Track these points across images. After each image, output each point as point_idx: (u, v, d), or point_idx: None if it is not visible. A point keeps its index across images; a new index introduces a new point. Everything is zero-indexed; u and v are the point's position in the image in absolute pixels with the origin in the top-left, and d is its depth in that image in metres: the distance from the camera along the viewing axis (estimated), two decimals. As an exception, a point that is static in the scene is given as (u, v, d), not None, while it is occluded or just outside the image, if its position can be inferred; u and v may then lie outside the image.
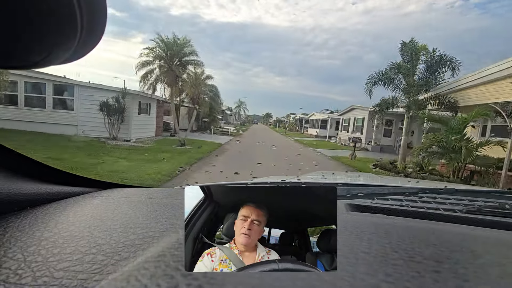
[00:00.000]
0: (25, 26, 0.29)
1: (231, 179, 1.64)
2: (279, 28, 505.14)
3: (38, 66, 0.36)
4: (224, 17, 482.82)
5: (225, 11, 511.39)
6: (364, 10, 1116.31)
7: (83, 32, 0.32)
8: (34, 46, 0.32)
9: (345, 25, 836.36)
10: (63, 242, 0.46)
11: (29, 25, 0.30)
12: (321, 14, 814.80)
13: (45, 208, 0.63)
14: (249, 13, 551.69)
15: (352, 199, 0.87)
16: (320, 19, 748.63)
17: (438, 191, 1.06)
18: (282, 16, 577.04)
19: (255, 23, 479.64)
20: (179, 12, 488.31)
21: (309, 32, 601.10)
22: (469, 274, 0.35)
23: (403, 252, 0.40)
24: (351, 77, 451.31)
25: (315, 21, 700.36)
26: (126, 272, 0.33)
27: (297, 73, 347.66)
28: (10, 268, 0.39)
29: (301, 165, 8.63)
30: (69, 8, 0.30)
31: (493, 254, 0.43)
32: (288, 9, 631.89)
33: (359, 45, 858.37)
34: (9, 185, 0.62)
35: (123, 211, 0.62)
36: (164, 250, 0.39)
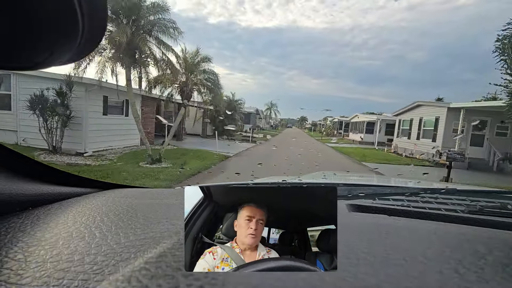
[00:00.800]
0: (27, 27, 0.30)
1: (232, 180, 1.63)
2: (315, 30, 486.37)
3: (41, 66, 0.37)
4: (259, 22, 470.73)
5: (260, 16, 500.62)
6: (408, 6, 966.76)
7: (84, 33, 0.32)
8: (36, 47, 0.32)
9: (386, 23, 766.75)
10: (64, 242, 0.46)
11: (31, 27, 0.30)
12: (360, 13, 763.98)
13: (47, 209, 0.63)
14: (285, 17, 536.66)
15: (353, 199, 0.87)
16: (359, 19, 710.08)
17: (440, 191, 1.06)
18: (318, 18, 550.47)
19: (290, 26, 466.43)
20: (217, 21, 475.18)
21: (347, 32, 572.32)
22: (471, 274, 0.35)
23: (405, 253, 0.40)
24: (393, 77, 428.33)
25: (353, 21, 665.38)
26: (127, 273, 0.33)
27: (334, 75, 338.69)
28: (11, 268, 0.39)
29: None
30: (70, 9, 0.30)
31: (495, 255, 0.43)
32: (325, 10, 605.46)
33: (402, 44, 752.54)
34: (11, 185, 0.62)
35: (124, 212, 0.62)
36: (165, 250, 0.39)
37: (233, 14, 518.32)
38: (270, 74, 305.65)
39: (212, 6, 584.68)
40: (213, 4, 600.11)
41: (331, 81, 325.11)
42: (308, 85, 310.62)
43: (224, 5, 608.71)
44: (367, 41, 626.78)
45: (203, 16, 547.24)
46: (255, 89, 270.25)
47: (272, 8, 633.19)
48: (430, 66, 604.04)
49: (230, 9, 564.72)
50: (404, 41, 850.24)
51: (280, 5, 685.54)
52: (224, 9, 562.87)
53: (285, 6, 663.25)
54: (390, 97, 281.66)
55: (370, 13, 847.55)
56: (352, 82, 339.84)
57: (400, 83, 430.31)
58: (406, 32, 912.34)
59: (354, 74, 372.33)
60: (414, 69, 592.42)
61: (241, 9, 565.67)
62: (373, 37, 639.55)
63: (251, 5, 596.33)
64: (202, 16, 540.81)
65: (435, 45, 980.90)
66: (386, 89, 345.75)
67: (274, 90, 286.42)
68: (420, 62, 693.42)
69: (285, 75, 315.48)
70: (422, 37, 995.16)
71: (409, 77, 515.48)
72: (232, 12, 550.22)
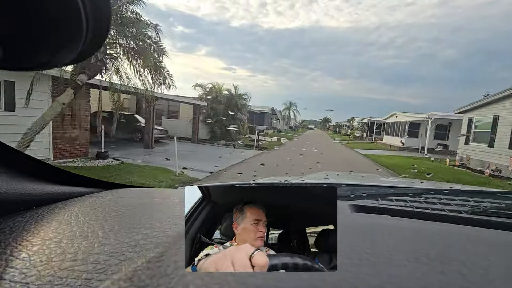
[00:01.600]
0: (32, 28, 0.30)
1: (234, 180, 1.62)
2: (339, 29, 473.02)
3: (46, 67, 0.37)
4: (282, 23, 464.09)
5: (283, 18, 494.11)
6: (439, 2, 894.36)
7: (88, 34, 0.33)
8: (41, 48, 0.33)
9: (415, 20, 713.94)
10: (68, 242, 0.47)
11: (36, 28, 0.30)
12: (387, 11, 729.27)
13: (51, 208, 0.63)
14: (308, 17, 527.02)
15: (356, 199, 0.87)
16: (385, 17, 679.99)
17: (443, 191, 1.05)
18: (342, 17, 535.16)
19: (313, 27, 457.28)
20: (239, 23, 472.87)
21: (373, 31, 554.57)
22: (474, 275, 0.35)
23: (408, 253, 0.40)
24: (422, 77, 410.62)
25: (380, 19, 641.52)
26: (129, 272, 0.34)
27: (358, 75, 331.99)
28: (16, 267, 0.40)
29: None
30: (75, 11, 0.30)
31: (499, 256, 0.43)
32: (349, 9, 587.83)
33: (433, 41, 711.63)
34: (16, 185, 0.63)
35: (127, 212, 0.62)
36: (167, 250, 0.39)
37: (255, 17, 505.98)
38: (292, 76, 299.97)
39: (235, 9, 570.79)
40: (236, 7, 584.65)
41: (355, 82, 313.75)
42: (332, 86, 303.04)
43: (247, 8, 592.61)
44: (394, 39, 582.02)
45: (226, 19, 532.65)
46: (276, 90, 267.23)
47: (295, 9, 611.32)
48: (463, 64, 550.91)
49: (253, 11, 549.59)
50: (434, 39, 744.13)
51: (303, 5, 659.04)
52: (246, 12, 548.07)
53: (308, 6, 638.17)
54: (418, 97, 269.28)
55: (398, 10, 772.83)
56: (378, 82, 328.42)
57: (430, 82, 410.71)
58: (437, 28, 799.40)
59: (380, 74, 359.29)
60: (445, 67, 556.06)
61: (263, 11, 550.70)
62: (400, 35, 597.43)
63: (273, 7, 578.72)
64: (225, 20, 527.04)
65: (467, 42, 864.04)
66: (413, 89, 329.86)
67: (296, 92, 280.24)
68: (451, 60, 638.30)
69: (307, 76, 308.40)
70: (454, 34, 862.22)
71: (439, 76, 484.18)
72: (255, 14, 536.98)
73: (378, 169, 8.94)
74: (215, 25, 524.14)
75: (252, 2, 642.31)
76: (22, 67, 0.39)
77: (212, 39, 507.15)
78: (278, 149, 14.53)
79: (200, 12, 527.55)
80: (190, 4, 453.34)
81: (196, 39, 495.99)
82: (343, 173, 1.99)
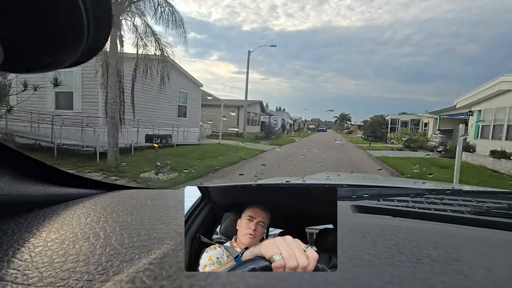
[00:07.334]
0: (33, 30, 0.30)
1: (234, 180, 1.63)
2: (352, 29, 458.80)
3: (47, 69, 0.37)
4: (293, 26, 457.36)
5: (294, 20, 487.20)
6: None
7: (89, 35, 0.33)
8: (43, 50, 0.33)
9: (432, 15, 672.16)
10: (69, 243, 0.47)
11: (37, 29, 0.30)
12: (401, 8, 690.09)
13: (52, 210, 0.63)
14: (319, 18, 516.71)
15: (357, 200, 0.86)
16: (400, 14, 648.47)
17: (445, 192, 1.05)
18: (354, 16, 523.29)
19: (325, 27, 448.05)
20: (250, 27, 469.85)
21: (387, 29, 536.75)
22: (477, 276, 0.35)
23: (409, 254, 0.40)
24: (441, 74, 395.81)
25: (393, 16, 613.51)
26: (131, 274, 0.34)
27: (374, 75, 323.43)
28: (17, 268, 0.40)
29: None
30: (75, 12, 0.30)
31: (502, 256, 0.42)
32: (361, 8, 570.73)
33: (451, 36, 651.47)
34: (18, 186, 0.63)
35: (128, 213, 0.62)
36: (169, 251, 0.39)
37: (266, 20, 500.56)
38: (305, 77, 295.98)
39: (245, 13, 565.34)
40: (246, 12, 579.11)
41: (370, 81, 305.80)
42: (346, 86, 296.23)
43: (257, 11, 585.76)
44: (409, 36, 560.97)
45: (237, 24, 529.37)
46: (289, 92, 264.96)
47: (305, 10, 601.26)
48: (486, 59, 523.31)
49: (263, 15, 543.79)
50: (453, 34, 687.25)
51: (314, 6, 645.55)
52: (257, 16, 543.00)
53: (319, 7, 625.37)
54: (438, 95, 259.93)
55: (413, 6, 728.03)
56: (394, 80, 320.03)
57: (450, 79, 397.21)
58: (456, 23, 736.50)
59: (396, 72, 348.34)
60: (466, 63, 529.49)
61: (274, 14, 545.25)
62: (416, 32, 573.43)
63: (284, 9, 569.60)
64: (236, 24, 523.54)
65: (490, 36, 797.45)
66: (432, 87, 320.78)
67: (309, 94, 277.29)
68: (473, 55, 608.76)
69: (321, 77, 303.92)
70: (475, 28, 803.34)
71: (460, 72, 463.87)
72: (265, 18, 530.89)
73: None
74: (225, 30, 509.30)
75: (262, 6, 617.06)
76: (24, 70, 0.39)
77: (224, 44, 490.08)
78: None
79: (212, 18, 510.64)
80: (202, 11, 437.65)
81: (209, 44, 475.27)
82: (345, 173, 1.99)
